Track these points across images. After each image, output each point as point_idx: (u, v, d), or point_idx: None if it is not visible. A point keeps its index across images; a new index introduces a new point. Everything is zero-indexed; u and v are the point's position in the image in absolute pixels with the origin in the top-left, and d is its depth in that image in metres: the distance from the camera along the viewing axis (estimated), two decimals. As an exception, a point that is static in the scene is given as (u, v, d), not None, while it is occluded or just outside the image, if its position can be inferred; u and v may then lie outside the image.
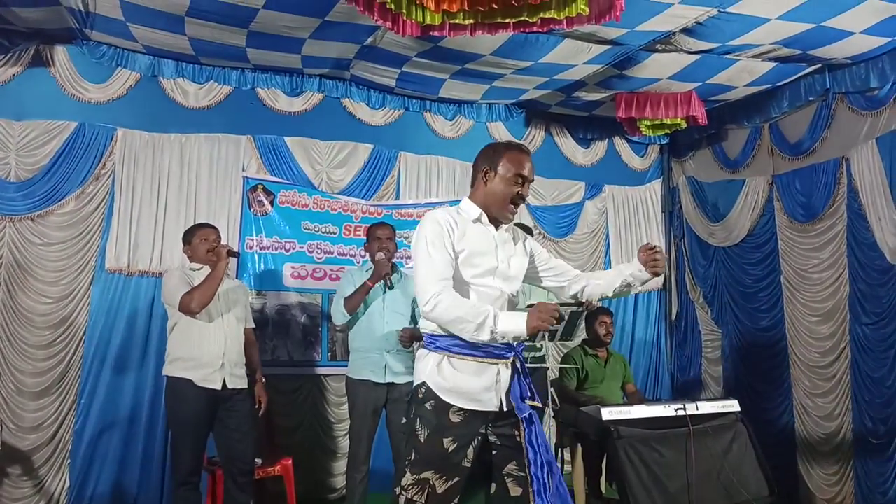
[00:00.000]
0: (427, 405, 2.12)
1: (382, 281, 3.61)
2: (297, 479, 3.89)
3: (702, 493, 3.26)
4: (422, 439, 2.11)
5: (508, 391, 2.16)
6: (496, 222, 2.29)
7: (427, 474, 2.09)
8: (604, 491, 4.18)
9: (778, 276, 4.81)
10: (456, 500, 2.15)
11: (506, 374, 2.17)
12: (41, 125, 4.06)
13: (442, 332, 2.15)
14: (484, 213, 2.26)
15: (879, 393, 4.01)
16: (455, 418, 2.11)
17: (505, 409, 2.16)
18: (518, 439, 2.16)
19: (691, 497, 3.24)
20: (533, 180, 2.30)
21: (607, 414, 3.34)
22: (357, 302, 3.57)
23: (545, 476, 2.11)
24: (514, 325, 2.03)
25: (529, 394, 2.20)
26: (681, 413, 3.41)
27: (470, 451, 2.13)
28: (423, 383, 2.15)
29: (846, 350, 4.27)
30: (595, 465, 4.05)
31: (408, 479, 2.10)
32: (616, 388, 4.38)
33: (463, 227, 2.20)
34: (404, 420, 2.23)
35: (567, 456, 4.09)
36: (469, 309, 2.07)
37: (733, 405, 3.63)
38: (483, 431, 2.16)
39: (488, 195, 2.25)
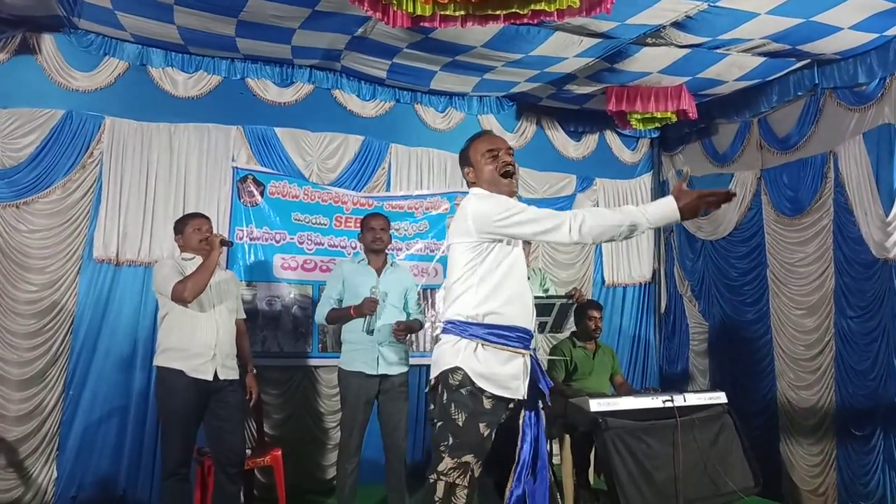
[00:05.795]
0: (463, 391, 2.14)
1: (375, 271, 3.68)
2: (287, 470, 3.89)
3: (688, 483, 3.29)
4: (459, 423, 2.13)
5: (535, 380, 2.24)
6: None
7: (468, 458, 2.12)
8: (592, 482, 4.21)
9: (764, 270, 4.85)
10: None
11: (528, 364, 2.24)
12: (27, 113, 4.01)
13: (475, 321, 2.19)
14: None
15: (863, 385, 4.07)
16: (487, 404, 2.15)
17: (525, 397, 2.22)
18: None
19: (678, 487, 3.26)
20: (509, 148, 2.35)
21: (595, 405, 3.35)
22: (338, 320, 3.67)
23: (530, 459, 2.18)
24: (665, 212, 2.05)
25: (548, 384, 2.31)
26: (668, 405, 3.43)
27: (493, 439, 2.19)
28: (458, 369, 2.16)
29: (831, 343, 4.31)
30: (583, 456, 4.07)
31: (447, 463, 2.12)
32: (605, 380, 4.41)
33: None
34: (432, 406, 2.24)
35: (556, 447, 4.11)
36: (613, 215, 2.10)
37: (720, 397, 3.65)
38: (502, 420, 2.22)
39: (483, 183, 2.33)
